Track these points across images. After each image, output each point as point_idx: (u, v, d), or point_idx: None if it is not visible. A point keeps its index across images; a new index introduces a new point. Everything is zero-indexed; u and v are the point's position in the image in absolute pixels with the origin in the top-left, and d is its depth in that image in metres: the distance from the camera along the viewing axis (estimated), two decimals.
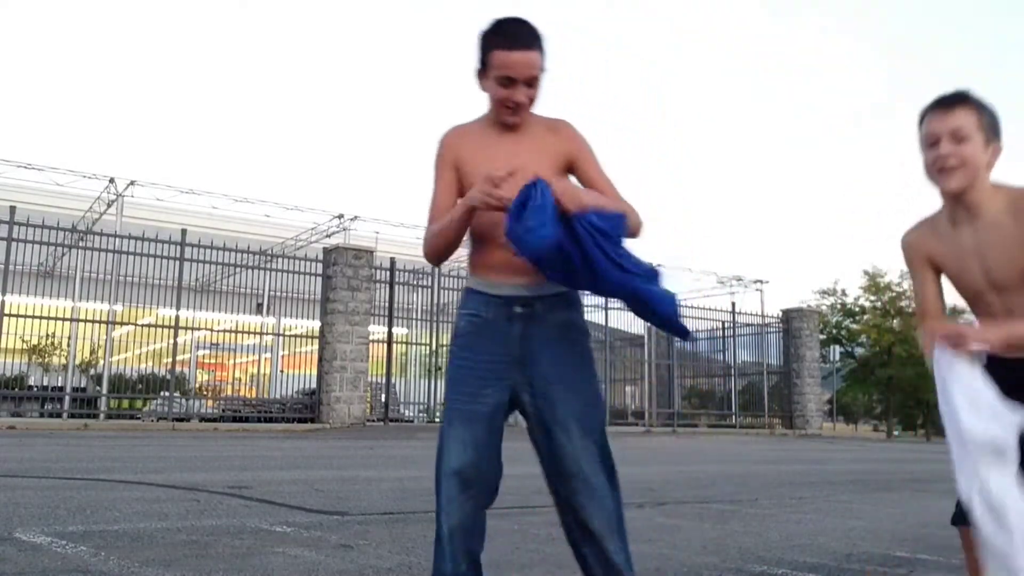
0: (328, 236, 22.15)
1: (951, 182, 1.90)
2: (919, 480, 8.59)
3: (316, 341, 16.83)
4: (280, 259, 17.34)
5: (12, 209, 14.06)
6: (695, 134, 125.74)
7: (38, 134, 73.11)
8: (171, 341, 15.37)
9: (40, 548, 3.15)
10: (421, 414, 19.26)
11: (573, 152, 2.04)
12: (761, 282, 26.83)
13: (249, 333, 17.80)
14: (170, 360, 15.75)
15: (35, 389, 16.34)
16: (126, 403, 16.75)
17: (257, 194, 33.98)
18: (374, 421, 17.18)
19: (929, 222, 2.05)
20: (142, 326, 16.43)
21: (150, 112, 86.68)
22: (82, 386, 17.59)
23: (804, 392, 24.41)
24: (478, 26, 2.00)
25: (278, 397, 18.01)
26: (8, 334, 13.96)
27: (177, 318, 15.35)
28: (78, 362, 17.45)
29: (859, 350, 33.55)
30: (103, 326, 16.02)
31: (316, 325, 16.90)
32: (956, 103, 1.92)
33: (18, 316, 14.28)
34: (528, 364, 1.96)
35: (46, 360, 16.44)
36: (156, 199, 20.03)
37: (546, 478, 2.00)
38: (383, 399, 18.01)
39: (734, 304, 24.88)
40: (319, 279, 16.95)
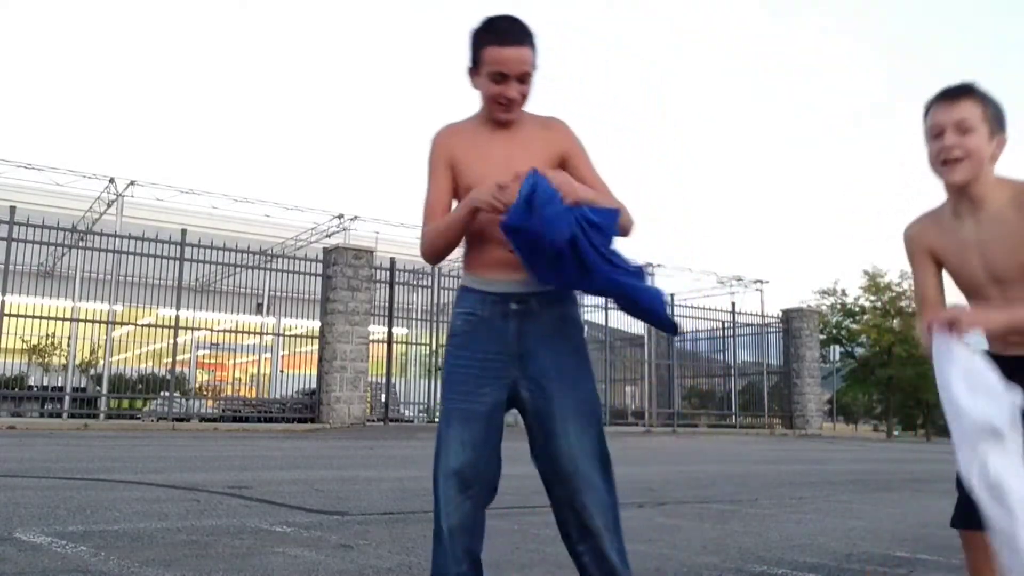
0: (328, 236, 22.15)
1: (955, 174, 1.90)
2: (919, 480, 8.59)
3: (316, 341, 16.83)
4: (280, 259, 17.35)
5: (12, 209, 14.07)
6: (695, 134, 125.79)
7: (38, 134, 73.12)
8: (171, 341, 15.37)
9: (40, 548, 3.15)
10: (421, 414, 19.26)
11: (566, 150, 2.05)
12: (761, 282, 26.85)
13: (249, 333, 17.81)
14: (170, 360, 15.76)
15: (35, 389, 16.33)
16: (126, 403, 16.74)
17: (257, 194, 34.01)
18: (374, 421, 17.18)
19: (932, 215, 2.05)
20: (142, 326, 16.43)
21: (150, 112, 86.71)
22: (82, 386, 17.59)
23: (804, 392, 24.41)
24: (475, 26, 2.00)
25: (278, 397, 18.00)
26: (8, 334, 13.96)
27: (177, 318, 15.36)
28: (78, 362, 17.44)
29: (859, 350, 33.53)
30: (103, 326, 16.02)
31: (316, 325, 16.90)
32: (961, 95, 1.91)
33: (18, 316, 14.29)
34: (525, 360, 1.96)
35: (46, 360, 16.44)
36: (156, 199, 20.05)
37: (543, 479, 1.99)
38: (383, 399, 18.01)
39: (734, 304, 24.90)
40: (319, 279, 16.94)
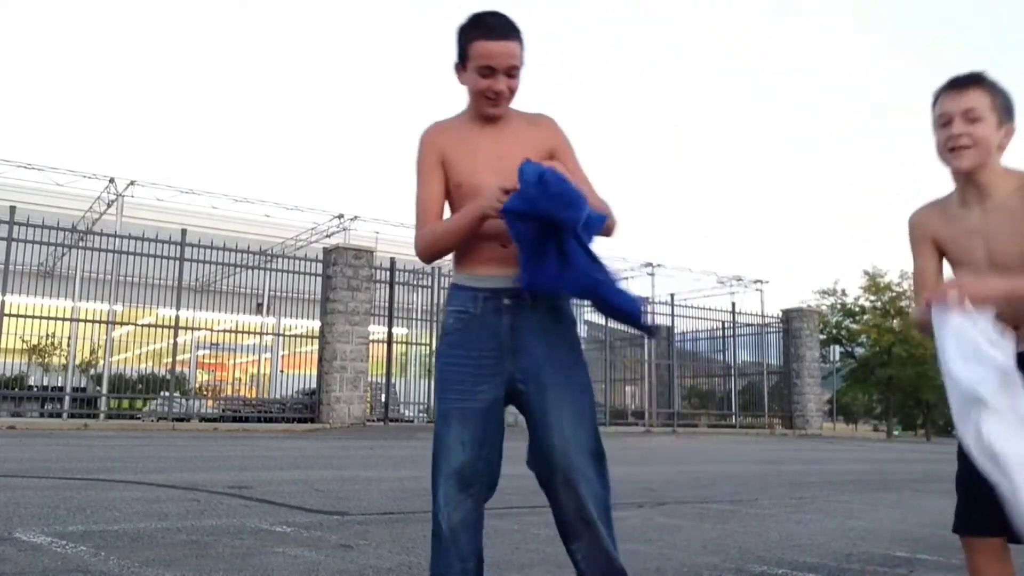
0: (328, 236, 22.14)
1: (962, 161, 1.90)
2: (919, 480, 8.59)
3: (316, 341, 16.83)
4: (280, 259, 17.34)
5: (12, 209, 14.06)
6: (695, 134, 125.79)
7: (38, 134, 73.15)
8: (171, 341, 15.37)
9: (40, 548, 3.15)
10: (421, 414, 19.24)
11: (554, 146, 2.05)
12: (761, 282, 26.83)
13: (249, 333, 17.81)
14: (170, 360, 15.75)
15: (35, 389, 16.32)
16: (126, 403, 16.73)
17: (257, 194, 34.06)
18: (374, 421, 17.17)
19: (939, 202, 2.05)
20: (142, 326, 16.43)
21: (150, 112, 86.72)
22: (82, 386, 17.58)
23: (804, 392, 24.40)
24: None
25: (278, 397, 18.00)
26: (8, 334, 13.96)
27: (177, 318, 15.36)
28: (78, 362, 17.43)
29: (859, 350, 33.53)
30: (103, 326, 16.02)
31: (316, 325, 16.89)
32: (970, 84, 1.91)
33: (18, 316, 14.28)
34: (519, 354, 1.96)
35: (46, 360, 16.43)
36: (156, 199, 20.04)
37: (539, 476, 1.97)
38: (383, 399, 18.00)
39: (734, 304, 24.89)
40: (319, 279, 16.94)
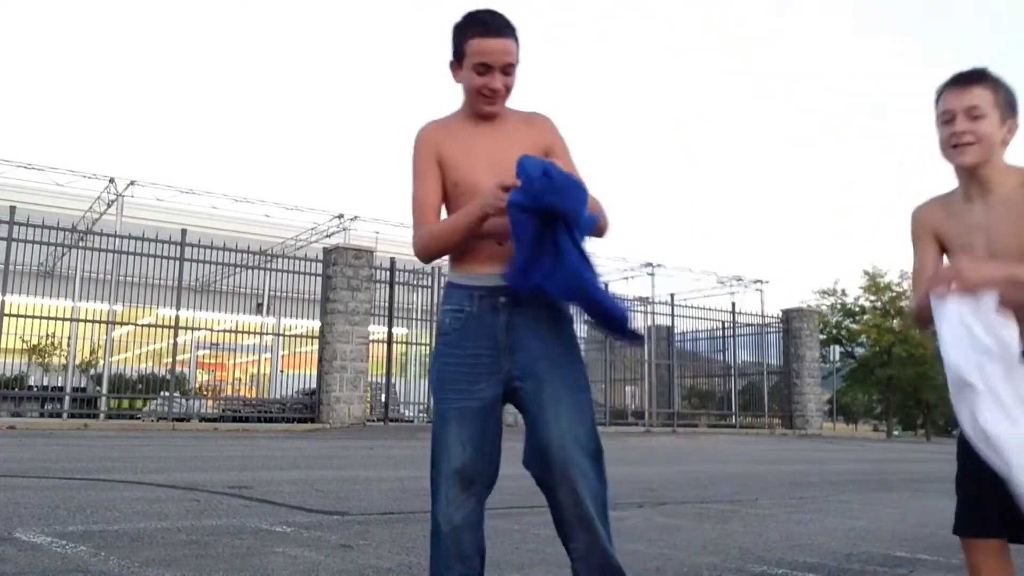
0: (328, 236, 22.14)
1: (966, 158, 1.91)
2: (919, 480, 8.59)
3: (316, 341, 16.83)
4: (280, 259, 17.35)
5: (12, 209, 14.06)
6: (695, 134, 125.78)
7: (38, 134, 73.15)
8: (171, 341, 15.37)
9: (40, 548, 3.15)
10: (421, 414, 19.24)
11: (549, 145, 2.05)
12: (761, 282, 26.83)
13: (249, 333, 17.81)
14: (170, 360, 15.75)
15: (35, 389, 16.31)
16: (126, 403, 16.73)
17: (257, 194, 33.95)
18: (374, 421, 17.17)
19: (943, 197, 2.06)
20: (142, 326, 16.43)
21: (150, 112, 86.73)
22: (82, 386, 17.57)
23: (804, 392, 24.40)
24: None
25: (278, 397, 18.00)
26: (8, 334, 13.95)
27: (177, 318, 15.35)
28: (78, 362, 17.42)
29: (859, 350, 33.57)
30: (103, 326, 16.01)
31: (316, 325, 16.89)
32: (973, 81, 1.92)
33: (18, 316, 14.28)
34: (515, 352, 1.95)
35: (46, 360, 16.42)
36: (156, 199, 20.03)
37: (537, 475, 1.95)
38: (383, 399, 18.00)
39: (734, 304, 24.88)
40: (319, 279, 16.94)
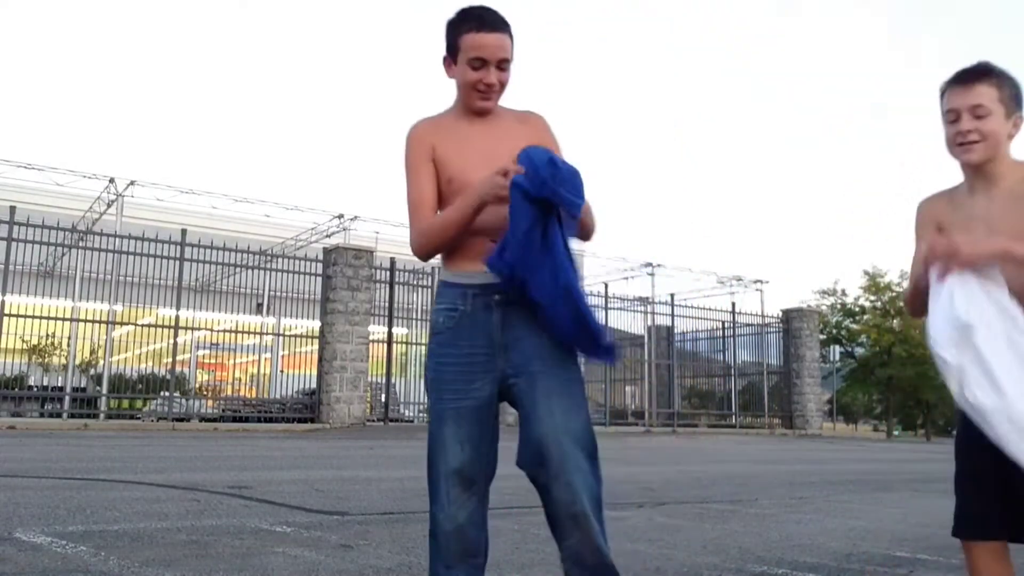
0: (328, 236, 22.14)
1: (972, 154, 1.91)
2: (919, 480, 8.59)
3: (316, 341, 16.83)
4: (280, 259, 17.34)
5: (12, 209, 14.05)
6: (695, 134, 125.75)
7: (38, 134, 73.15)
8: (171, 341, 15.37)
9: (40, 548, 3.15)
10: (421, 414, 19.24)
11: (542, 143, 2.04)
12: (761, 282, 26.83)
13: (249, 333, 17.81)
14: (170, 360, 15.75)
15: (35, 389, 16.31)
16: (126, 403, 16.72)
17: (257, 194, 34.06)
18: (374, 421, 17.17)
19: (948, 191, 2.06)
20: (142, 326, 16.43)
21: (150, 112, 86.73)
22: (82, 386, 17.57)
23: (804, 392, 24.40)
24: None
25: (278, 397, 18.00)
26: (8, 334, 13.95)
27: (177, 318, 15.35)
28: (78, 362, 17.43)
29: (859, 350, 33.57)
30: (103, 326, 16.01)
31: (316, 325, 16.89)
32: (976, 77, 1.91)
33: (18, 316, 14.28)
34: (511, 349, 1.95)
35: (46, 360, 16.42)
36: (156, 199, 20.04)
37: (531, 473, 1.93)
38: (383, 399, 18.00)
39: (734, 304, 24.88)
40: (319, 279, 16.93)
